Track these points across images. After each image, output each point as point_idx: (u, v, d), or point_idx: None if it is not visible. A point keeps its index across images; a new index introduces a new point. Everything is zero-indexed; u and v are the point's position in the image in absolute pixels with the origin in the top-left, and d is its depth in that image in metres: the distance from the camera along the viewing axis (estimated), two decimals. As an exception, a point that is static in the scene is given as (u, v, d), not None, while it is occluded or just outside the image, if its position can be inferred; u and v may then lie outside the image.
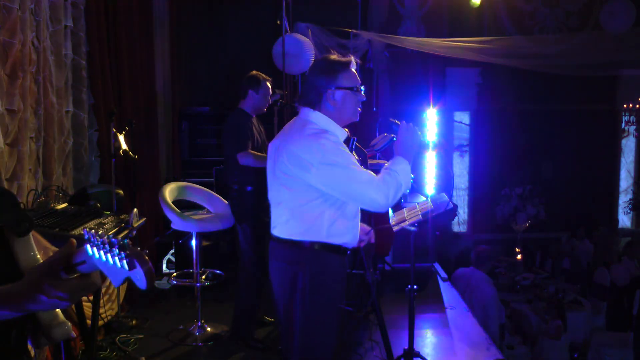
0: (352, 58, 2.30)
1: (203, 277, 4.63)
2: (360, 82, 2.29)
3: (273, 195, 2.33)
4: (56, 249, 1.40)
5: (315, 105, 2.25)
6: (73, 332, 1.42)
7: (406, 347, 3.32)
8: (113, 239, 1.02)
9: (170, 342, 3.92)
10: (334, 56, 2.30)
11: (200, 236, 4.05)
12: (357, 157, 2.29)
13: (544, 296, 6.69)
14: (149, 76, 5.44)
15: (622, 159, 9.95)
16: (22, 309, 1.08)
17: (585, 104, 9.43)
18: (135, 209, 3.11)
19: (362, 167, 2.19)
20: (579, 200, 9.39)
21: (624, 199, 9.88)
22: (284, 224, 2.27)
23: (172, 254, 5.51)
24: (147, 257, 1.02)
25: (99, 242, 1.03)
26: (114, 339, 3.83)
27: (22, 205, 1.28)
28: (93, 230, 1.06)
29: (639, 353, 5.97)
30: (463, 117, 9.48)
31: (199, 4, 7.37)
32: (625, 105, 9.03)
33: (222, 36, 7.50)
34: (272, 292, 2.43)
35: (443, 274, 5.66)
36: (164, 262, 5.56)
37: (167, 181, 5.17)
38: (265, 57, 5.97)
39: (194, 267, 4.10)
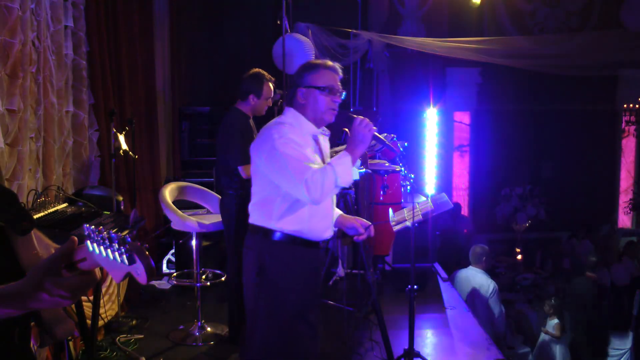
0: (331, 63, 2.40)
1: (203, 277, 4.63)
2: (335, 84, 2.36)
3: None
4: (57, 247, 1.41)
5: (291, 101, 2.40)
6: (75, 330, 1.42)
7: (406, 347, 3.32)
8: (113, 234, 1.02)
9: (170, 342, 3.92)
10: (317, 60, 2.44)
11: (200, 236, 4.05)
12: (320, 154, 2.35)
13: (544, 296, 6.70)
14: (149, 76, 5.44)
15: (622, 159, 9.96)
16: (24, 307, 1.08)
17: (585, 104, 9.43)
18: (135, 209, 3.11)
19: (313, 161, 2.23)
20: (579, 200, 9.39)
21: (624, 199, 9.89)
22: (250, 210, 2.41)
23: (172, 254, 5.51)
24: (147, 252, 1.02)
25: (99, 238, 1.04)
26: (114, 339, 3.83)
27: (22, 205, 1.28)
28: (93, 227, 1.06)
29: (639, 353, 5.98)
30: (463, 117, 9.48)
31: (199, 4, 7.37)
32: (625, 105, 9.03)
33: (222, 36, 7.50)
34: None
35: (443, 274, 5.66)
36: (164, 262, 5.56)
37: (167, 181, 5.17)
38: (265, 57, 5.97)
39: (194, 267, 4.10)
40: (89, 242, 1.06)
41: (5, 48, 3.02)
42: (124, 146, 4.09)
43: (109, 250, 1.03)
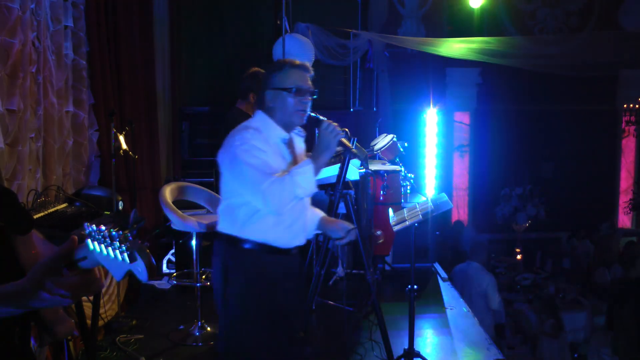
0: (299, 62, 2.33)
1: (203, 277, 4.63)
2: (303, 84, 2.28)
3: None
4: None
5: (260, 104, 2.33)
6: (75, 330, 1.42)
7: (406, 347, 3.32)
8: (114, 233, 1.02)
9: (170, 342, 3.91)
10: (284, 60, 2.37)
11: (200, 236, 4.05)
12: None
13: (541, 296, 6.70)
14: (149, 76, 5.44)
15: (622, 159, 9.96)
16: (25, 306, 1.08)
17: (585, 104, 9.44)
18: (135, 209, 3.11)
19: (275, 169, 2.16)
20: (579, 200, 9.40)
21: (624, 199, 9.89)
22: (218, 216, 2.36)
23: (172, 254, 5.51)
24: (147, 250, 1.03)
25: (100, 236, 1.04)
26: (114, 339, 3.83)
27: (22, 205, 1.28)
28: (94, 225, 1.06)
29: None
30: (463, 117, 9.48)
31: (199, 3, 7.37)
32: (625, 105, 9.03)
33: (222, 36, 7.50)
34: None
35: (443, 274, 5.66)
36: (164, 262, 5.56)
37: (167, 181, 5.17)
38: (265, 57, 5.97)
39: (194, 267, 4.10)
40: (89, 240, 1.06)
41: (5, 48, 3.02)
42: (124, 146, 4.09)
43: (109, 249, 1.03)
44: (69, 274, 1.08)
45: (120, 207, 3.90)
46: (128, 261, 1.01)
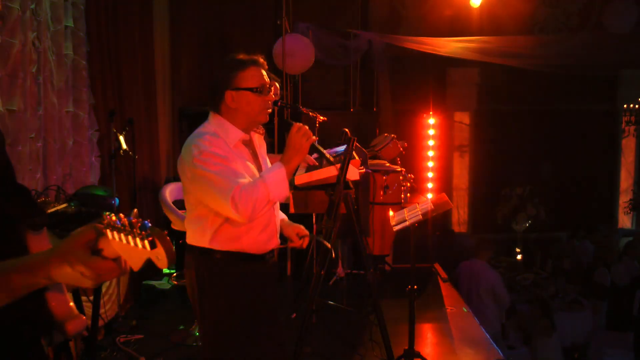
0: (257, 57, 2.21)
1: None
2: (265, 82, 2.17)
3: None
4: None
5: (216, 106, 2.19)
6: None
7: (406, 347, 3.32)
8: (133, 220, 1.01)
9: (170, 342, 3.92)
10: (238, 55, 2.20)
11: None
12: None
13: (543, 296, 6.70)
14: (149, 76, 5.44)
15: (622, 159, 9.95)
16: (46, 276, 1.07)
17: (585, 104, 9.43)
18: (135, 210, 3.11)
19: (240, 173, 2.07)
20: (579, 200, 9.39)
21: (624, 199, 9.88)
22: (186, 228, 2.25)
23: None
24: (167, 237, 1.01)
25: (120, 225, 1.02)
26: (114, 339, 3.83)
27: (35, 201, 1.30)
28: (113, 215, 1.04)
29: (639, 353, 5.97)
30: (463, 117, 9.48)
31: (199, 4, 7.37)
32: (625, 106, 9.02)
33: (222, 36, 7.50)
34: None
35: (443, 274, 5.67)
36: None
37: (167, 181, 5.17)
38: (265, 57, 5.97)
39: (194, 267, 4.10)
40: (108, 230, 1.04)
41: (5, 48, 3.02)
42: (124, 146, 4.09)
43: (129, 237, 1.01)
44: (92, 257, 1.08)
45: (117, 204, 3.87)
46: (149, 248, 0.99)
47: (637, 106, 8.89)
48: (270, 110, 2.23)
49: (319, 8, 7.27)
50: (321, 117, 2.70)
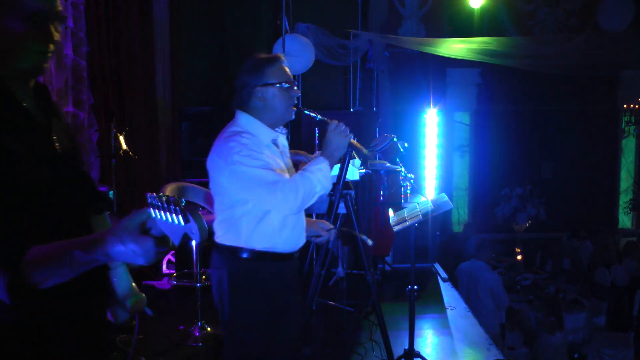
0: (280, 55, 2.26)
1: (203, 277, 4.62)
2: (290, 77, 2.21)
3: None
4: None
5: (244, 105, 2.21)
6: None
7: (406, 347, 3.32)
8: (170, 197, 1.10)
9: (170, 343, 3.91)
10: (261, 55, 2.24)
11: (200, 236, 4.04)
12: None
13: (543, 296, 6.70)
14: (149, 76, 5.44)
15: (622, 159, 9.96)
16: (103, 252, 1.17)
17: (585, 104, 9.44)
18: (135, 210, 3.10)
19: (278, 169, 2.12)
20: (579, 201, 9.40)
21: (624, 199, 9.89)
22: (215, 228, 2.25)
23: (172, 255, 5.50)
24: (199, 213, 1.11)
25: (159, 203, 1.12)
26: (114, 339, 3.83)
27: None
28: (154, 194, 1.14)
29: (639, 353, 5.98)
30: (463, 118, 9.48)
31: (199, 4, 7.37)
32: (625, 106, 9.03)
33: (222, 36, 7.50)
34: None
35: (443, 274, 5.67)
36: (164, 262, 5.56)
37: (167, 181, 5.17)
38: (266, 57, 5.97)
39: (194, 268, 4.10)
40: (151, 209, 1.14)
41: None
42: (124, 146, 4.09)
43: (167, 213, 1.11)
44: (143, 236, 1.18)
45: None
46: (183, 223, 1.09)
47: (637, 106, 8.90)
48: (295, 108, 2.27)
49: (319, 8, 7.27)
50: (329, 121, 2.71)
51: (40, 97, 1.40)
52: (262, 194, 2.06)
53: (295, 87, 2.24)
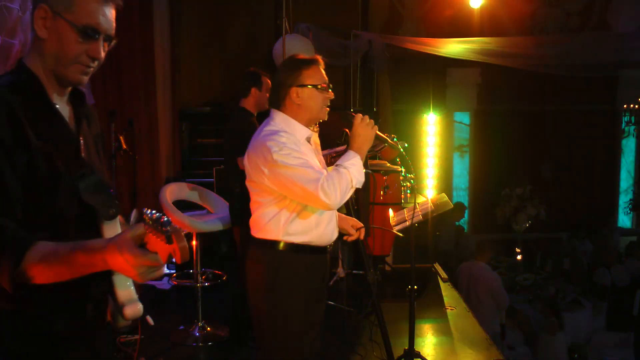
0: (319, 57, 2.33)
1: (203, 277, 4.63)
2: (326, 80, 2.30)
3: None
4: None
5: (279, 104, 2.29)
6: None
7: (406, 348, 3.31)
8: (158, 215, 1.13)
9: (170, 343, 3.91)
10: (300, 55, 2.35)
11: (201, 236, 4.05)
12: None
13: (543, 296, 6.70)
14: (149, 76, 5.45)
15: (622, 159, 9.95)
16: (101, 259, 1.20)
17: (585, 104, 9.43)
18: (135, 210, 3.11)
19: (315, 166, 2.20)
20: (579, 201, 9.39)
21: (624, 199, 9.88)
22: (252, 223, 2.33)
23: (172, 254, 5.50)
24: (183, 235, 1.13)
25: (149, 220, 1.14)
26: (114, 339, 3.82)
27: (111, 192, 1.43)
28: (149, 210, 1.17)
29: (639, 353, 5.98)
30: (463, 118, 9.48)
31: (199, 4, 7.37)
32: (625, 106, 9.02)
33: (222, 36, 7.50)
34: None
35: (443, 274, 5.67)
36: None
37: (168, 181, 5.17)
38: (265, 57, 5.98)
39: (194, 268, 4.10)
40: (143, 225, 1.17)
41: (5, 48, 3.02)
42: (124, 146, 4.10)
43: (155, 231, 1.13)
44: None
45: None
46: (166, 243, 1.11)
47: (637, 106, 8.89)
48: (328, 109, 2.35)
49: (319, 8, 7.27)
50: (354, 114, 2.76)
51: (76, 102, 1.47)
52: (305, 191, 2.13)
53: (331, 90, 2.32)
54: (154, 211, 1.16)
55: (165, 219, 1.12)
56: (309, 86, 2.25)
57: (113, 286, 1.36)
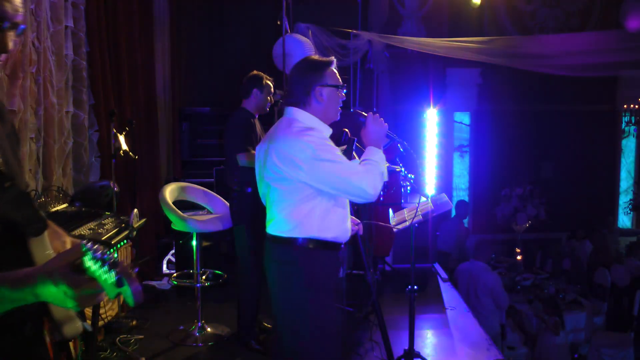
0: (334, 58, 2.40)
1: (203, 277, 4.63)
2: (341, 80, 2.37)
3: (265, 195, 2.39)
4: (75, 240, 1.44)
5: (302, 103, 2.31)
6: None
7: (406, 348, 3.32)
8: (105, 256, 1.05)
9: (170, 343, 3.92)
10: (316, 56, 2.41)
11: (201, 237, 4.05)
12: (357, 157, 2.33)
13: (543, 297, 6.69)
14: (149, 76, 5.45)
15: (622, 159, 9.95)
16: (31, 293, 1.09)
17: (585, 104, 9.43)
18: (135, 210, 3.11)
19: (346, 160, 2.27)
20: (579, 201, 9.39)
21: (624, 199, 9.88)
22: (277, 222, 2.30)
23: (172, 255, 5.50)
24: (134, 276, 1.05)
25: (96, 256, 1.06)
26: (114, 340, 3.83)
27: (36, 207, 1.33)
28: (90, 243, 1.08)
29: (639, 353, 5.97)
30: (463, 118, 9.48)
31: (199, 4, 7.37)
32: (625, 106, 9.02)
33: (222, 36, 7.50)
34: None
35: (443, 274, 5.67)
36: (164, 262, 5.56)
37: (168, 181, 5.17)
38: (265, 58, 5.97)
39: (194, 268, 4.10)
40: (86, 257, 1.08)
41: (6, 48, 3.02)
42: (124, 146, 4.09)
43: (102, 270, 1.05)
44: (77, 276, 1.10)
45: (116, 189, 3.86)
46: (116, 286, 1.04)
47: (637, 106, 8.89)
48: (340, 109, 2.40)
49: (319, 8, 7.26)
50: (364, 113, 2.83)
51: None
52: (346, 184, 2.18)
53: (345, 91, 2.39)
54: (99, 247, 1.07)
55: (115, 260, 1.04)
56: (331, 86, 2.30)
57: (48, 305, 1.26)
